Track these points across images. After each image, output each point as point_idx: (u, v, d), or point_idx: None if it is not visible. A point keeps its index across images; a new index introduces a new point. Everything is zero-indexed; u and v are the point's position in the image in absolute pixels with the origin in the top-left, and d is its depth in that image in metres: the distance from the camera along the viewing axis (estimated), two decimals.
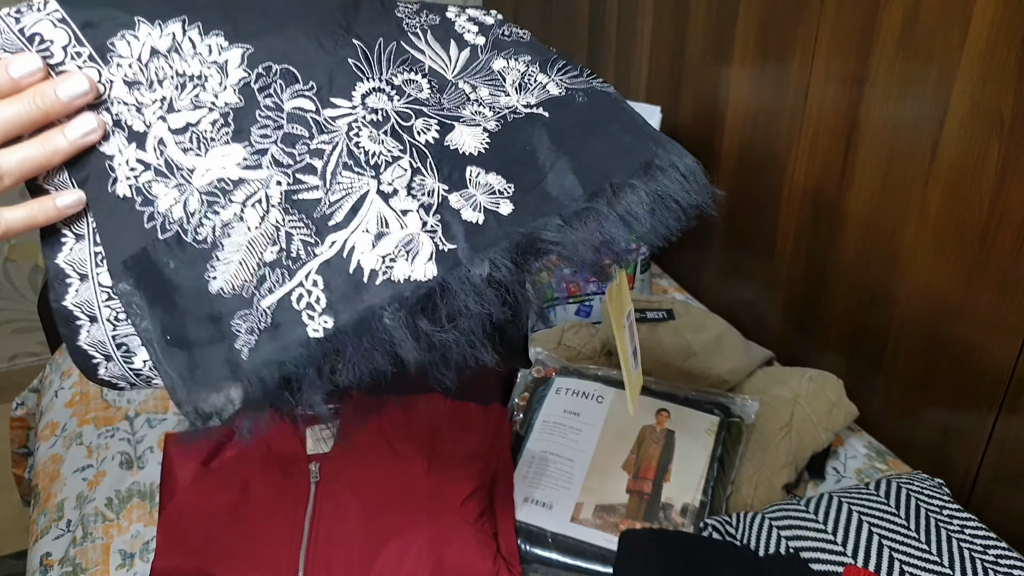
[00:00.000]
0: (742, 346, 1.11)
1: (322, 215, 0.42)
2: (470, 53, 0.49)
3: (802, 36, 1.04)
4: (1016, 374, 0.85)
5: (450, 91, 0.47)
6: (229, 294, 0.41)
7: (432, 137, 0.45)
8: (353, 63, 0.45)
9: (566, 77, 0.50)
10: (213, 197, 0.42)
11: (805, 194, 1.09)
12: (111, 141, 0.42)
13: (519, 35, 0.52)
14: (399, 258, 0.41)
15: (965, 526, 0.79)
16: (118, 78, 0.42)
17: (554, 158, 0.46)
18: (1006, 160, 0.81)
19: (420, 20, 0.49)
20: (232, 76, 0.42)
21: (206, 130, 0.42)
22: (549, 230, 0.44)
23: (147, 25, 0.42)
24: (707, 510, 0.84)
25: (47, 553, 0.89)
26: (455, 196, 0.43)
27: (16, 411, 1.27)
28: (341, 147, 0.43)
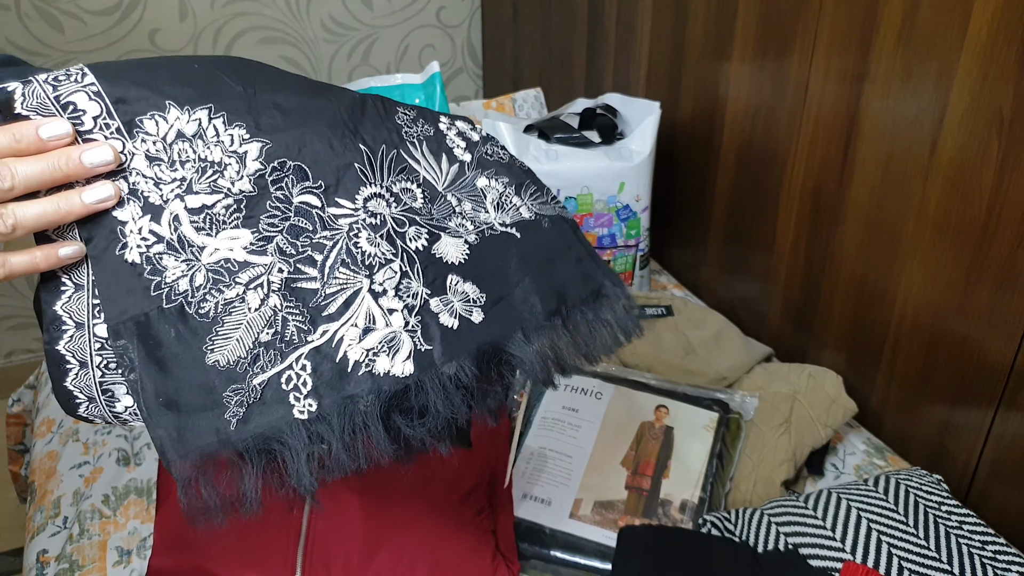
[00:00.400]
0: (741, 342, 1.11)
1: (317, 305, 0.46)
2: (458, 169, 0.54)
3: (802, 32, 1.03)
4: (1015, 370, 0.85)
5: (439, 202, 0.52)
6: (224, 367, 0.44)
7: (422, 244, 0.50)
8: (359, 167, 0.49)
9: (535, 202, 0.56)
10: (219, 276, 0.45)
11: (805, 190, 1.09)
12: (125, 208, 0.45)
13: (499, 155, 0.57)
14: (381, 353, 0.46)
15: (964, 522, 0.79)
16: (140, 152, 0.45)
17: (521, 276, 0.52)
18: (1006, 156, 0.80)
19: (417, 129, 0.54)
20: (249, 167, 0.46)
21: (219, 213, 0.46)
22: (512, 343, 0.50)
23: (176, 110, 0.46)
24: (706, 506, 0.84)
25: (44, 550, 0.89)
26: (435, 300, 0.48)
27: (12, 407, 1.27)
28: (341, 245, 0.47)
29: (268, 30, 1.95)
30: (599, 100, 1.31)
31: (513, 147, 1.14)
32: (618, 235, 1.20)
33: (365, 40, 2.05)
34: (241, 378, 0.44)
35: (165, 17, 1.85)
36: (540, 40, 1.82)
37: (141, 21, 1.84)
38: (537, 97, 1.48)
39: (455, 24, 2.12)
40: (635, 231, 1.21)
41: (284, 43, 1.97)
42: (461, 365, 0.47)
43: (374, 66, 2.09)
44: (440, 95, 1.19)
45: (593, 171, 1.15)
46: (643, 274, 1.27)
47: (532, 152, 1.15)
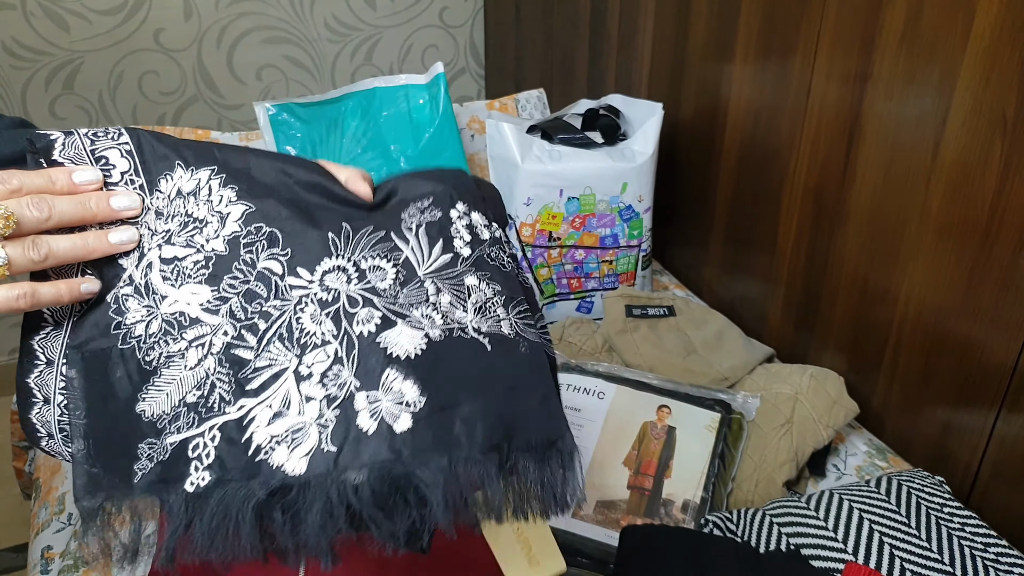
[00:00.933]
0: (743, 343, 1.11)
1: (244, 377, 0.45)
2: (451, 259, 0.50)
3: (804, 33, 1.03)
4: (1017, 372, 0.85)
5: (413, 286, 0.48)
6: (148, 419, 0.45)
7: (368, 330, 0.46)
8: (332, 237, 0.48)
9: (522, 322, 0.51)
10: (170, 327, 0.46)
11: (807, 191, 1.09)
12: (129, 257, 0.48)
13: (502, 261, 0.53)
14: (283, 443, 0.43)
15: (966, 524, 0.79)
16: (152, 208, 0.48)
17: (475, 394, 0.45)
18: (1008, 158, 0.81)
19: (421, 217, 0.51)
20: (228, 228, 0.48)
21: (188, 267, 0.47)
22: (429, 468, 0.42)
23: (182, 169, 0.49)
24: (708, 506, 0.84)
25: (48, 546, 0.89)
26: (361, 396, 0.44)
27: (16, 404, 1.27)
28: (285, 318, 0.46)
29: (272, 30, 1.95)
30: (602, 101, 1.31)
31: (516, 148, 1.14)
32: (620, 235, 1.20)
33: (368, 40, 2.05)
34: (158, 434, 0.45)
35: (170, 16, 1.86)
36: (543, 41, 1.82)
37: (146, 20, 1.84)
38: (540, 98, 1.49)
39: (458, 24, 2.12)
40: (637, 231, 1.21)
41: (288, 43, 1.98)
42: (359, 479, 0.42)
43: (377, 66, 2.09)
44: (444, 96, 1.20)
45: (596, 171, 1.15)
46: (645, 274, 1.28)
47: (535, 153, 1.15)
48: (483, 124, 1.32)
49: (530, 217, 1.16)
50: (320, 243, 0.47)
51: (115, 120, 1.90)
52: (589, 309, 1.25)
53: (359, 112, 1.20)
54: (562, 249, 1.19)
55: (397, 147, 1.19)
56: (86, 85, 1.85)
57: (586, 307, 1.25)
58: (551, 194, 1.15)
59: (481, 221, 0.53)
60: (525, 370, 0.48)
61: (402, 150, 1.19)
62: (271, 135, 1.18)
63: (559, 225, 1.17)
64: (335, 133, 1.20)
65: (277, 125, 1.18)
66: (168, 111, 1.94)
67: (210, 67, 1.94)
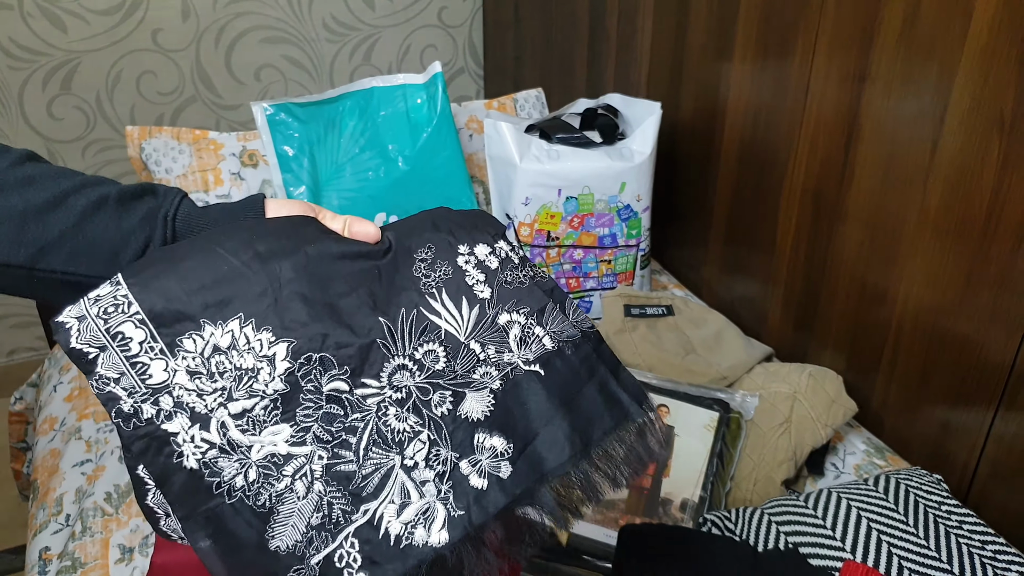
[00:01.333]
0: (742, 342, 1.11)
1: (356, 487, 0.50)
2: (479, 311, 0.56)
3: (803, 33, 1.04)
4: (1015, 370, 0.85)
5: (463, 355, 0.54)
6: (284, 551, 0.48)
7: (447, 409, 0.52)
8: (380, 343, 0.52)
9: (558, 326, 0.57)
10: (267, 470, 0.49)
11: (805, 191, 1.09)
12: (173, 420, 0.49)
13: (519, 279, 0.58)
14: (419, 525, 0.49)
15: (963, 522, 0.79)
16: (182, 368, 0.49)
17: (548, 416, 0.53)
18: (1006, 157, 0.81)
19: (435, 276, 0.56)
20: (279, 367, 0.50)
21: (259, 414, 0.50)
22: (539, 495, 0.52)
23: (211, 326, 0.50)
24: (706, 505, 0.84)
25: (46, 547, 0.89)
26: (464, 463, 0.51)
27: (14, 405, 1.27)
28: (371, 425, 0.51)
29: (270, 30, 1.95)
30: (600, 100, 1.31)
31: (514, 147, 1.14)
32: (619, 235, 1.20)
33: (367, 40, 2.05)
34: (300, 560, 0.48)
35: (167, 17, 1.86)
36: (541, 40, 1.82)
37: (144, 20, 1.84)
38: (538, 97, 1.49)
39: (457, 24, 2.12)
40: (636, 231, 1.21)
41: (286, 43, 1.98)
42: (491, 526, 0.50)
43: (376, 66, 2.09)
44: (442, 95, 1.20)
45: (594, 171, 1.15)
46: (644, 274, 1.28)
47: (533, 152, 1.15)
48: (482, 124, 1.32)
49: (528, 217, 1.16)
50: (373, 350, 0.52)
51: (113, 121, 1.90)
52: (588, 309, 1.25)
53: (357, 112, 1.20)
54: (560, 249, 1.19)
55: (395, 147, 1.19)
56: (84, 86, 1.85)
57: (585, 307, 1.25)
58: (549, 194, 1.15)
59: (484, 251, 0.58)
60: (576, 372, 0.55)
61: (400, 150, 1.19)
62: (269, 135, 1.18)
63: (557, 225, 1.17)
64: (333, 133, 1.20)
65: (275, 125, 1.18)
66: (166, 111, 1.94)
67: (208, 67, 1.94)
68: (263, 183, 1.27)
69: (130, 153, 1.25)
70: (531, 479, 0.51)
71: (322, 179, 1.19)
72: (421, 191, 1.19)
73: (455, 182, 1.21)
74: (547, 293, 0.58)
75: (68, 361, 1.22)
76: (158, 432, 0.49)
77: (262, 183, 1.27)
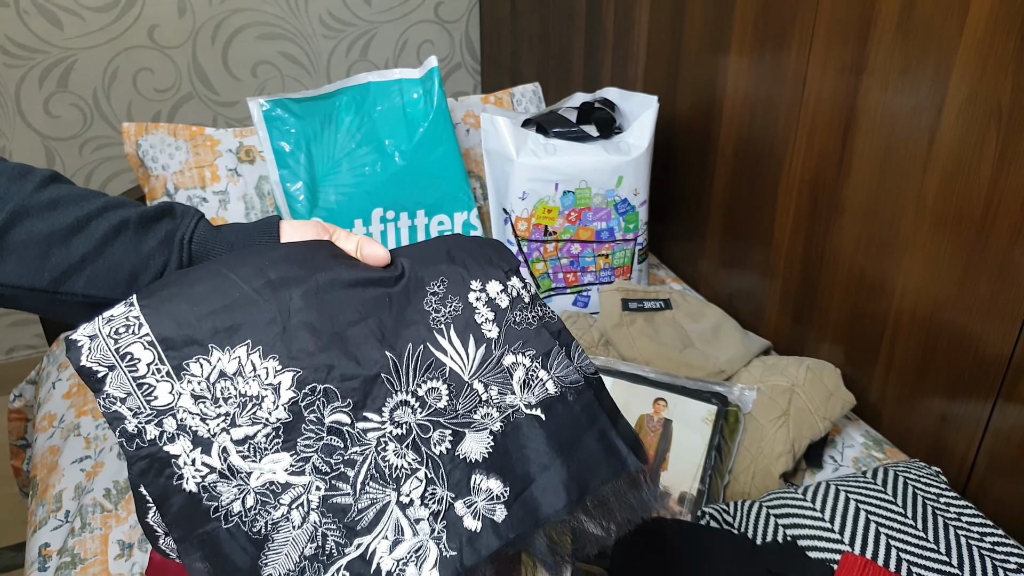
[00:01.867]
0: (739, 335, 1.11)
1: (352, 520, 0.50)
2: (485, 350, 0.55)
3: (800, 25, 1.03)
4: (1013, 362, 0.85)
5: (465, 394, 0.54)
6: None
7: (445, 448, 0.53)
8: (385, 377, 0.52)
9: (562, 371, 0.57)
10: (265, 497, 0.49)
11: (803, 183, 1.09)
12: (176, 443, 0.49)
13: (528, 321, 0.58)
14: (410, 563, 0.49)
15: (962, 514, 0.79)
16: (187, 392, 0.50)
17: (546, 462, 0.53)
18: (1004, 148, 0.80)
19: (445, 311, 0.56)
20: (283, 396, 0.50)
21: (261, 442, 0.50)
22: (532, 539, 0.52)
23: (218, 351, 0.50)
24: (704, 498, 0.84)
25: (45, 543, 0.89)
26: (460, 503, 0.51)
27: (14, 403, 1.27)
28: (370, 460, 0.51)
29: (266, 26, 1.95)
30: (597, 94, 1.31)
31: (511, 142, 1.14)
32: (616, 229, 1.20)
33: (363, 36, 2.05)
34: None
35: (164, 13, 1.85)
36: (538, 35, 1.82)
37: (140, 17, 1.84)
38: (535, 92, 1.48)
39: (453, 20, 2.11)
40: (633, 225, 1.21)
41: (282, 39, 1.97)
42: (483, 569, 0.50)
43: (372, 62, 2.09)
44: (438, 90, 1.19)
45: (591, 165, 1.15)
46: (641, 268, 1.28)
47: (530, 146, 1.15)
48: (478, 119, 1.32)
49: (525, 211, 1.16)
50: (377, 384, 0.52)
51: (110, 118, 1.89)
52: (586, 303, 1.24)
53: (353, 107, 1.20)
54: (558, 243, 1.19)
55: (391, 142, 1.19)
56: (80, 83, 1.84)
57: (582, 301, 1.24)
58: (546, 188, 1.15)
59: (496, 289, 0.57)
60: (577, 419, 0.55)
61: (396, 145, 1.19)
62: (265, 131, 1.18)
63: (555, 219, 1.17)
64: (329, 128, 1.20)
65: (271, 121, 1.18)
66: (163, 108, 1.94)
67: (205, 64, 1.93)
68: (260, 179, 1.27)
69: (127, 150, 1.24)
70: (526, 524, 0.51)
71: (319, 174, 1.19)
72: (418, 186, 1.19)
73: (452, 177, 1.21)
74: (554, 335, 0.58)
75: (66, 358, 1.22)
76: (160, 453, 0.49)
77: (259, 179, 1.27)
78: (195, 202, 1.24)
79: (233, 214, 1.25)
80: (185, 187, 1.23)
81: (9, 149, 1.84)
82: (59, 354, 1.25)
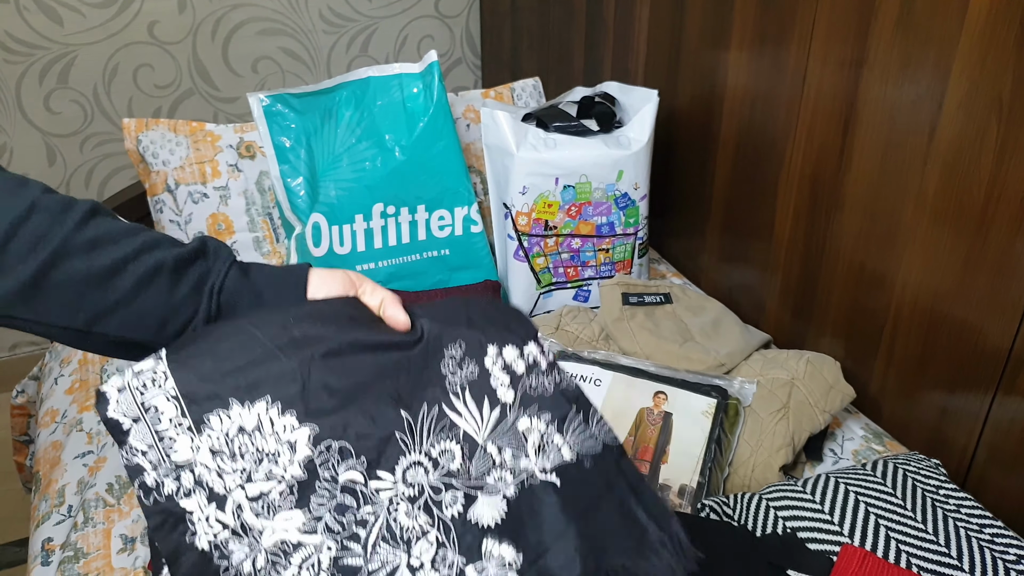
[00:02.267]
0: (740, 329, 1.12)
1: None
2: (500, 413, 0.55)
3: (800, 19, 1.03)
4: (1013, 355, 0.85)
5: (479, 456, 0.53)
6: None
7: (457, 511, 0.52)
8: (399, 436, 0.52)
9: (579, 437, 0.55)
10: (276, 557, 0.49)
11: (803, 177, 1.09)
12: (191, 498, 0.49)
13: (544, 387, 0.57)
14: None
15: (961, 506, 0.80)
16: (205, 446, 0.50)
17: (561, 529, 0.52)
18: (1005, 140, 0.80)
19: (461, 375, 0.55)
20: (299, 452, 0.50)
21: (275, 499, 0.50)
22: None
23: (238, 405, 0.50)
24: (704, 491, 0.84)
25: (49, 538, 0.89)
26: (471, 568, 0.50)
27: (16, 399, 1.27)
28: (382, 520, 0.51)
29: (267, 21, 1.94)
30: (597, 88, 1.31)
31: (511, 136, 1.14)
32: (617, 223, 1.20)
33: (364, 31, 2.05)
34: None
35: (164, 9, 1.85)
36: (539, 30, 1.81)
37: (140, 13, 1.83)
38: (535, 87, 1.48)
39: (454, 15, 2.11)
40: (634, 219, 1.21)
41: (283, 34, 1.97)
42: None
43: (373, 57, 2.09)
44: (438, 84, 1.19)
45: (591, 159, 1.15)
46: (642, 262, 1.28)
47: (530, 141, 1.15)
48: (479, 113, 1.32)
49: (526, 206, 1.16)
50: (391, 444, 0.52)
51: (111, 114, 1.90)
52: (586, 298, 1.25)
53: (353, 102, 1.20)
54: (558, 238, 1.19)
55: (392, 136, 1.19)
56: (81, 79, 1.84)
57: (583, 296, 1.25)
58: (547, 182, 1.15)
59: (513, 355, 0.57)
60: (594, 487, 0.54)
61: (396, 139, 1.19)
62: (265, 126, 1.18)
63: (555, 214, 1.17)
64: (329, 123, 1.20)
65: (271, 116, 1.18)
66: (164, 104, 1.94)
67: (205, 60, 1.93)
68: (260, 174, 1.27)
69: (127, 146, 1.25)
70: None
71: (319, 169, 1.19)
72: (418, 181, 1.19)
73: (452, 171, 1.21)
74: (571, 400, 0.57)
75: (68, 354, 1.22)
76: (175, 508, 0.49)
77: (259, 174, 1.27)
78: (196, 197, 1.24)
79: (234, 209, 1.25)
80: (186, 183, 1.24)
81: (10, 146, 1.84)
82: (61, 350, 1.26)
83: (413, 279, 1.22)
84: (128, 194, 1.43)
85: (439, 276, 1.24)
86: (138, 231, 0.54)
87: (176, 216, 1.24)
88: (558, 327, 1.12)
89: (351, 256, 1.19)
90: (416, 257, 1.22)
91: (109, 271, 0.51)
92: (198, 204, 1.24)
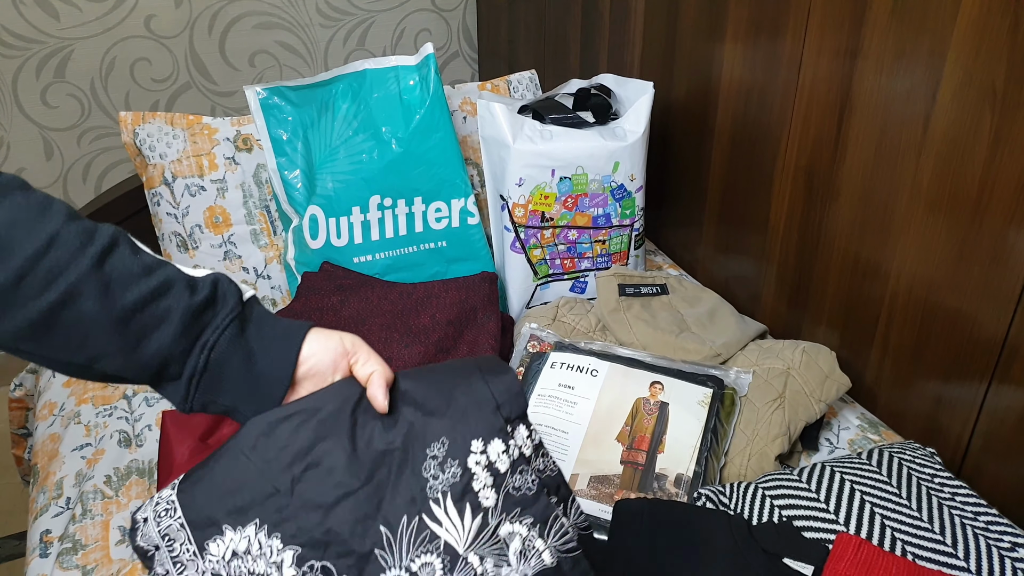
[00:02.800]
0: (735, 320, 1.12)
1: None
2: (481, 520, 0.54)
3: (795, 10, 1.03)
4: (1007, 344, 0.85)
5: (460, 567, 0.54)
6: None
7: None
8: (379, 553, 0.53)
9: (560, 541, 0.56)
10: None
11: (798, 168, 1.09)
12: None
13: (528, 487, 0.56)
14: None
15: (956, 493, 0.80)
16: (208, 570, 0.53)
17: None
18: (999, 130, 0.81)
19: (443, 479, 0.55)
20: (286, 573, 0.52)
21: None
22: None
23: (231, 531, 0.53)
24: (700, 480, 0.85)
25: (47, 530, 0.90)
26: None
27: (14, 392, 1.28)
28: None
29: (264, 15, 1.94)
30: (593, 80, 1.31)
31: (507, 128, 1.14)
32: (613, 215, 1.20)
33: (361, 24, 2.04)
34: None
35: (160, 3, 1.85)
36: (535, 23, 1.81)
37: (136, 7, 1.83)
38: (532, 79, 1.48)
39: (450, 8, 2.11)
40: (630, 211, 1.21)
41: (280, 28, 1.97)
42: None
43: (370, 50, 2.08)
44: (435, 77, 1.19)
45: (587, 151, 1.15)
46: (638, 254, 1.28)
47: (526, 132, 1.15)
48: (475, 106, 1.32)
49: (522, 198, 1.16)
50: (371, 562, 0.53)
51: (108, 108, 1.89)
52: (583, 289, 1.25)
53: (350, 94, 1.20)
54: (555, 230, 1.19)
55: (388, 129, 1.19)
56: (77, 73, 1.84)
57: (580, 287, 1.25)
58: (543, 174, 1.15)
59: (498, 449, 0.56)
60: None
61: (393, 132, 1.19)
62: (262, 119, 1.18)
63: (551, 205, 1.17)
64: (326, 116, 1.20)
65: (268, 109, 1.18)
66: (161, 98, 1.94)
67: (202, 53, 1.93)
68: (257, 167, 1.27)
69: (124, 139, 1.24)
70: None
71: (316, 162, 1.19)
72: (415, 173, 1.19)
73: (449, 164, 1.21)
74: (553, 490, 0.57)
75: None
76: None
77: (256, 167, 1.27)
78: (193, 190, 1.24)
79: (231, 202, 1.25)
80: (183, 176, 1.24)
81: (7, 140, 1.84)
82: None
83: (410, 271, 1.22)
84: (125, 187, 1.43)
85: (436, 268, 1.24)
86: (153, 270, 0.54)
87: (173, 209, 1.24)
88: (555, 318, 1.12)
89: (348, 248, 1.19)
90: (413, 249, 1.22)
91: (118, 320, 0.51)
92: (195, 197, 1.24)
